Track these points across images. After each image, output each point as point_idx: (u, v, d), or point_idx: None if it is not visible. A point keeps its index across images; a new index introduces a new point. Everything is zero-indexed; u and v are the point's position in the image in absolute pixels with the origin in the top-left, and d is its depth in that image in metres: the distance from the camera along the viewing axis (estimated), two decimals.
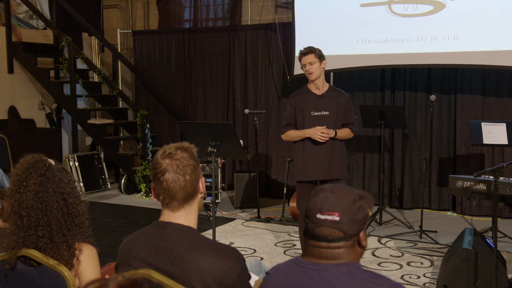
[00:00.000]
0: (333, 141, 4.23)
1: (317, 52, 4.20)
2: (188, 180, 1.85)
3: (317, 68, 4.19)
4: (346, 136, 4.31)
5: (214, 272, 1.76)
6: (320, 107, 4.23)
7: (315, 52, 4.20)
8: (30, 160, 2.02)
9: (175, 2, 8.36)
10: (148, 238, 1.87)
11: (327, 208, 1.60)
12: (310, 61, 4.18)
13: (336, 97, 4.26)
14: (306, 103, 4.25)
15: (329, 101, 4.24)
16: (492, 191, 3.44)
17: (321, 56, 4.23)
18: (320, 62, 4.21)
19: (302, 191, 4.32)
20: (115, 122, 8.26)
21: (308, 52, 4.20)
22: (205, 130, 4.06)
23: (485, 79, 6.20)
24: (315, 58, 4.18)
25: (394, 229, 5.64)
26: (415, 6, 6.01)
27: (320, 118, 4.21)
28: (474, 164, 6.29)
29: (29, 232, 1.95)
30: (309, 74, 4.21)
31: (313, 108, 4.23)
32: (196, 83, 7.95)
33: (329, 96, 4.26)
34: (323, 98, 4.25)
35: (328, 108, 4.23)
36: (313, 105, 4.24)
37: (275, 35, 7.19)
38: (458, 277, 3.64)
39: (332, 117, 4.22)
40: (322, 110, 4.22)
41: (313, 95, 4.27)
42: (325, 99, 4.25)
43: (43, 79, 8.01)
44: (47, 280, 1.93)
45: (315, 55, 4.18)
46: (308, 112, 4.24)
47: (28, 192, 1.95)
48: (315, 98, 4.25)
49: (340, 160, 4.30)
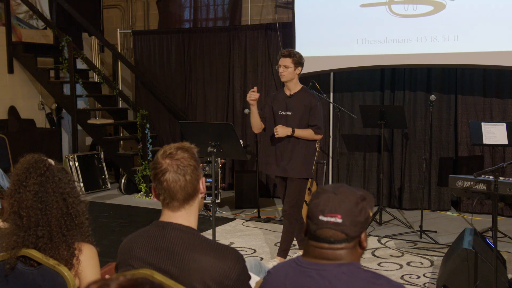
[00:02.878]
0: (296, 141, 4.31)
1: (295, 58, 4.27)
2: (189, 180, 1.85)
3: (290, 73, 4.28)
4: (307, 137, 4.32)
5: (214, 272, 1.76)
6: (286, 107, 4.35)
7: (294, 57, 4.27)
8: (29, 160, 2.02)
9: (175, 2, 8.36)
10: (148, 238, 1.87)
11: (330, 210, 1.60)
12: (285, 64, 4.27)
13: (303, 99, 4.32)
14: (277, 102, 4.40)
15: (295, 102, 4.32)
16: (492, 191, 3.44)
17: (299, 62, 4.29)
18: (295, 68, 4.28)
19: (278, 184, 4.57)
20: (115, 122, 8.26)
21: (287, 56, 4.28)
22: (205, 130, 4.06)
23: (485, 79, 6.20)
24: (291, 64, 4.26)
25: (394, 229, 5.65)
26: (415, 6, 6.01)
27: (285, 118, 4.33)
28: (474, 164, 6.29)
29: (29, 232, 1.95)
30: (281, 75, 4.32)
31: (281, 108, 4.37)
32: (196, 83, 7.95)
33: (296, 98, 4.33)
34: (291, 99, 4.35)
35: (293, 109, 4.32)
36: (281, 105, 4.37)
37: (275, 35, 7.19)
38: (458, 277, 3.64)
39: (295, 117, 4.30)
40: (287, 110, 4.34)
41: (283, 96, 4.40)
42: (292, 100, 4.34)
43: (43, 79, 8.01)
44: (47, 280, 1.93)
45: (292, 60, 4.26)
46: (277, 111, 4.38)
47: (28, 192, 1.95)
48: (284, 98, 4.38)
49: (303, 161, 4.32)
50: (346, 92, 6.88)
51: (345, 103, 6.77)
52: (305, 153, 4.35)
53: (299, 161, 4.32)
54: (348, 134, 6.87)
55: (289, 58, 4.27)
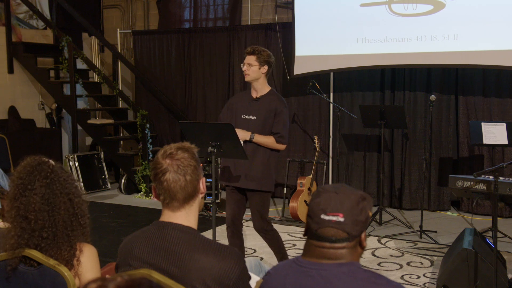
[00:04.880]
0: (256, 148, 3.88)
1: (260, 56, 3.86)
2: (189, 180, 1.85)
3: (254, 71, 3.88)
4: (268, 144, 3.87)
5: (214, 272, 1.76)
6: (250, 111, 3.94)
7: (259, 55, 3.86)
8: (32, 163, 2.01)
9: (175, 2, 8.36)
10: (148, 238, 1.88)
11: (332, 209, 1.61)
12: (249, 62, 3.88)
13: (269, 103, 3.88)
14: (240, 105, 4.01)
15: (260, 106, 3.90)
16: (492, 191, 3.43)
17: (265, 61, 3.87)
18: (259, 67, 3.86)
19: (228, 195, 4.04)
20: (115, 122, 8.26)
21: (250, 53, 3.89)
22: (205, 130, 4.05)
23: (485, 79, 6.20)
24: (255, 62, 3.86)
25: (394, 229, 5.65)
26: (415, 5, 6.01)
27: (247, 122, 3.91)
28: (474, 164, 6.29)
29: (34, 234, 1.95)
30: (244, 74, 3.94)
31: (244, 111, 3.97)
32: (196, 83, 7.95)
33: (262, 101, 3.91)
34: (256, 102, 3.94)
35: (256, 113, 3.90)
36: (244, 108, 3.96)
37: (275, 35, 7.19)
38: (458, 277, 3.64)
39: (258, 123, 3.88)
40: (250, 114, 3.93)
41: (248, 98, 3.99)
42: (257, 103, 3.93)
43: (43, 79, 8.01)
44: (47, 280, 1.93)
45: (256, 58, 3.86)
46: (240, 114, 3.98)
47: (35, 195, 1.95)
48: (248, 101, 3.97)
49: (263, 171, 3.88)
50: (346, 92, 6.87)
51: (345, 103, 6.77)
52: (267, 163, 3.90)
53: (261, 171, 3.87)
54: (348, 134, 6.87)
55: (253, 56, 3.86)
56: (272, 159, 3.94)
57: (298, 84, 6.84)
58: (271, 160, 3.94)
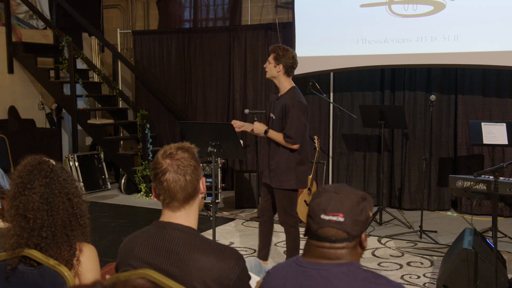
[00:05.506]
0: (278, 146, 4.01)
1: (276, 55, 3.98)
2: (189, 180, 1.86)
3: (270, 69, 4.03)
4: (278, 141, 3.98)
5: (214, 272, 1.76)
6: (273, 109, 4.11)
7: (276, 53, 3.99)
8: (32, 162, 2.01)
9: (175, 2, 8.36)
10: (148, 238, 1.88)
11: (332, 209, 1.61)
12: (269, 59, 4.04)
13: (283, 102, 3.99)
14: (270, 103, 4.19)
15: (278, 104, 4.04)
16: (492, 191, 3.44)
17: (281, 60, 3.97)
18: (275, 65, 3.99)
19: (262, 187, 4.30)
20: (115, 122, 8.26)
21: (270, 51, 4.05)
22: (205, 130, 4.06)
23: (485, 79, 6.20)
24: (272, 60, 4.00)
25: (394, 229, 5.65)
26: (415, 6, 6.01)
27: (272, 121, 4.09)
28: (474, 164, 6.29)
29: (33, 234, 1.95)
30: (265, 71, 4.11)
31: (271, 109, 4.15)
32: (196, 83, 7.95)
33: (280, 100, 4.03)
34: (277, 101, 4.08)
35: (275, 111, 4.05)
36: (272, 107, 4.15)
37: (275, 35, 7.19)
38: (458, 277, 3.64)
39: (277, 121, 4.02)
40: (273, 113, 4.10)
41: (274, 97, 4.16)
42: (278, 102, 4.06)
43: (43, 79, 8.01)
44: (47, 280, 1.93)
45: (273, 56, 4.00)
46: (269, 113, 4.18)
47: (34, 194, 1.95)
48: (274, 100, 4.14)
49: (285, 169, 3.99)
50: (346, 92, 6.87)
51: (345, 103, 6.77)
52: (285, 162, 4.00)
53: (281, 170, 4.00)
54: (348, 134, 6.87)
55: (272, 54, 4.01)
56: (292, 158, 4.00)
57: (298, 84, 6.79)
58: (291, 158, 4.00)
